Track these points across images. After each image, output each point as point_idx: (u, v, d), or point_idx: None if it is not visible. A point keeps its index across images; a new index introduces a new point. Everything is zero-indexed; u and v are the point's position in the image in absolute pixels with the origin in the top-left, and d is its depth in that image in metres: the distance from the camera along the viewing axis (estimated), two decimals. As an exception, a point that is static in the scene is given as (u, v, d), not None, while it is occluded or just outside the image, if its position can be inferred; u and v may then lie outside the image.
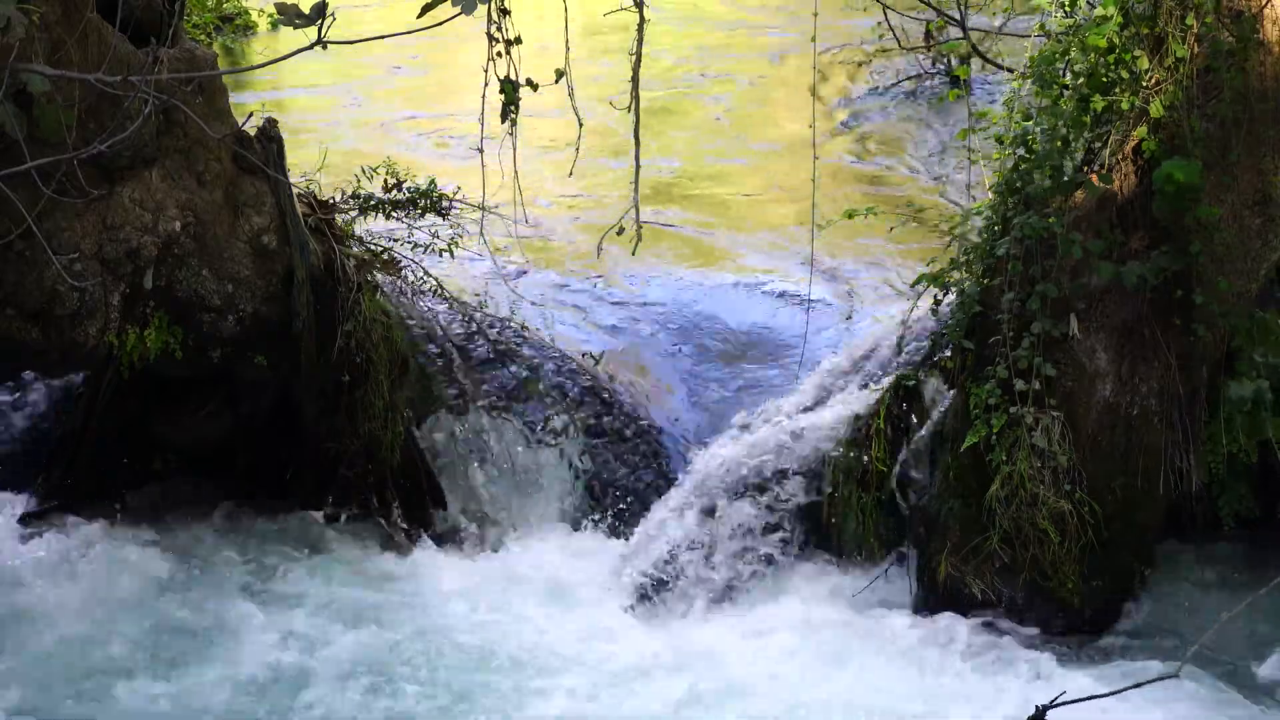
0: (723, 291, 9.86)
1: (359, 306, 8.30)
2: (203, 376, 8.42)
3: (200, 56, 7.84)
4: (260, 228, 8.07)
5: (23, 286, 7.30)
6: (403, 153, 11.19)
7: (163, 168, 7.68)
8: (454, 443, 8.83)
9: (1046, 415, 7.63)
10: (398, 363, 8.54)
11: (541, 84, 6.86)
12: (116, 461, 8.77)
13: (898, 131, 12.89)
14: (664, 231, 10.49)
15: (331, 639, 7.62)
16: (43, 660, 7.43)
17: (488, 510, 8.76)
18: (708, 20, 16.74)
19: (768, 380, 9.10)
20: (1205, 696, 7.24)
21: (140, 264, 7.60)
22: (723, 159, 12.47)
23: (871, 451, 8.21)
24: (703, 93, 14.21)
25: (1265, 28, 7.40)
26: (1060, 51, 7.75)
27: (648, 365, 9.27)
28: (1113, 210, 7.70)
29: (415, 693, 7.24)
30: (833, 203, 10.72)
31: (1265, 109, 7.46)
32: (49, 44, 7.04)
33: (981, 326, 7.90)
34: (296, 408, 8.50)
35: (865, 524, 8.22)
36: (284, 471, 8.77)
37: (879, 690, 7.34)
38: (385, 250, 8.81)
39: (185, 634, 7.64)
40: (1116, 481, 7.76)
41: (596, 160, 11.40)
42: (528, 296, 9.46)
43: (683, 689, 7.28)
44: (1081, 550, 7.68)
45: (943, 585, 7.85)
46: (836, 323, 9.35)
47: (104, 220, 7.47)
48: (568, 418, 8.87)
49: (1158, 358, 7.72)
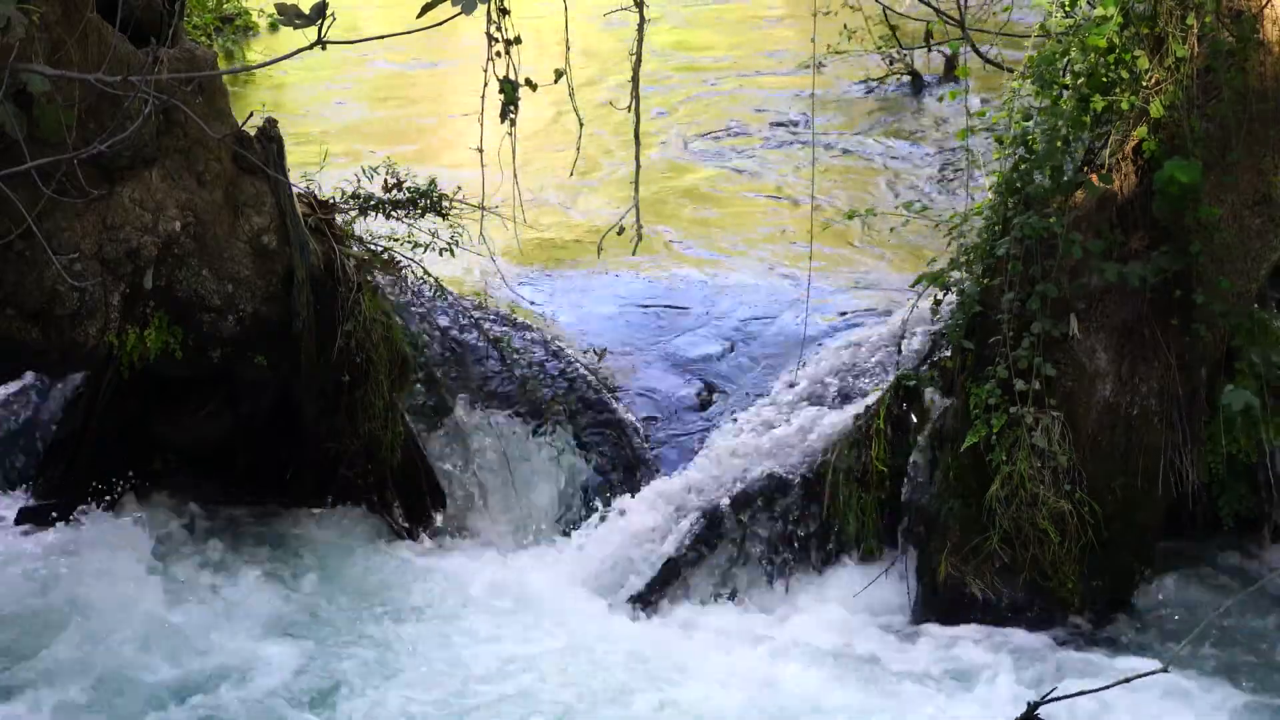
0: (723, 291, 9.87)
1: (359, 306, 8.30)
2: (203, 376, 8.42)
3: (200, 56, 7.84)
4: (260, 228, 8.07)
5: (23, 286, 7.30)
6: (403, 152, 11.19)
7: (163, 168, 7.68)
8: (454, 443, 8.83)
9: (1046, 415, 7.64)
10: (398, 363, 8.54)
11: (541, 84, 6.86)
12: (116, 461, 8.77)
13: (899, 132, 12.90)
14: (664, 231, 10.50)
15: (331, 638, 7.63)
16: (42, 660, 7.44)
17: (488, 510, 8.77)
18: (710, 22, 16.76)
19: (768, 380, 9.10)
20: (1198, 693, 7.26)
21: (140, 264, 7.60)
22: (723, 158, 12.48)
23: (871, 451, 8.21)
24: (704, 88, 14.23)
25: (1265, 28, 7.40)
26: (1060, 51, 7.75)
27: (647, 365, 9.27)
28: (1113, 210, 7.71)
29: (414, 692, 7.24)
30: (833, 203, 10.74)
31: (1265, 109, 7.46)
32: (49, 44, 7.04)
33: (981, 326, 7.91)
34: (296, 408, 8.50)
35: (865, 524, 8.22)
36: (284, 471, 8.78)
37: (878, 690, 7.34)
38: (385, 250, 8.81)
39: (184, 633, 7.64)
40: (1116, 481, 7.76)
41: (596, 160, 11.41)
42: (527, 296, 9.46)
43: (681, 690, 7.28)
44: (1081, 550, 7.69)
45: (943, 585, 7.86)
46: (836, 322, 9.35)
47: (104, 220, 7.47)
48: (568, 418, 8.88)
49: (1158, 358, 7.72)
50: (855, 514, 8.21)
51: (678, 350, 9.37)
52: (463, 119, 10.02)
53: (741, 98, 14.00)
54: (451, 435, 8.83)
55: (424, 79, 15.12)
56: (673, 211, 11.10)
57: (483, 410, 8.85)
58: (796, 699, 7.26)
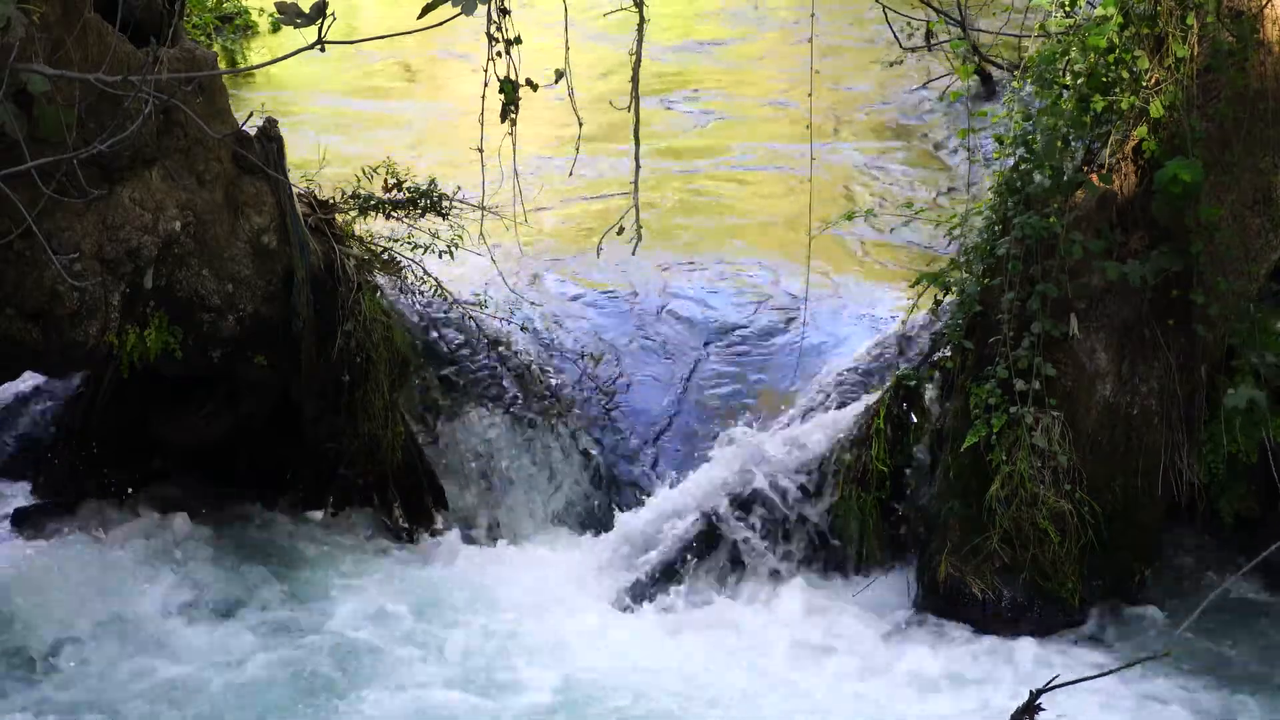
0: (723, 292, 9.86)
1: (359, 306, 8.30)
2: (203, 376, 8.42)
3: (200, 56, 7.84)
4: (260, 228, 8.07)
5: (23, 286, 7.30)
6: (402, 152, 11.18)
7: (163, 168, 7.67)
8: (454, 443, 8.83)
9: (1046, 415, 7.64)
10: (398, 363, 8.54)
11: (542, 84, 6.87)
12: (116, 461, 8.77)
13: (898, 132, 12.90)
14: (664, 231, 10.49)
15: (331, 638, 7.62)
16: (42, 659, 7.44)
17: (487, 510, 8.76)
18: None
19: (768, 380, 9.09)
20: (1197, 682, 7.27)
21: (140, 264, 7.60)
22: (724, 158, 12.47)
23: (871, 451, 8.21)
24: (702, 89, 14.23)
25: (1265, 28, 7.41)
26: (1060, 51, 7.75)
27: (647, 365, 9.27)
28: (1113, 210, 7.71)
29: (415, 692, 7.24)
30: (833, 203, 10.74)
31: (1265, 109, 7.47)
32: (49, 44, 7.04)
33: (981, 326, 7.91)
34: (296, 408, 8.50)
35: (865, 524, 8.22)
36: (284, 471, 8.78)
37: (878, 690, 7.34)
38: (385, 250, 8.81)
39: (183, 633, 7.64)
40: (1116, 481, 7.76)
41: (597, 159, 11.40)
42: (527, 296, 9.46)
43: (680, 691, 7.28)
44: (1081, 550, 7.69)
45: (943, 585, 7.86)
46: (837, 323, 9.35)
47: (104, 220, 7.47)
48: (566, 418, 8.88)
49: (1158, 358, 7.72)
50: (855, 514, 8.21)
51: (678, 351, 9.37)
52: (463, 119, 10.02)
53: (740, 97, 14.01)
54: (451, 435, 8.83)
55: (425, 79, 15.11)
56: (673, 211, 11.09)
57: (482, 410, 8.84)
58: (796, 699, 7.26)
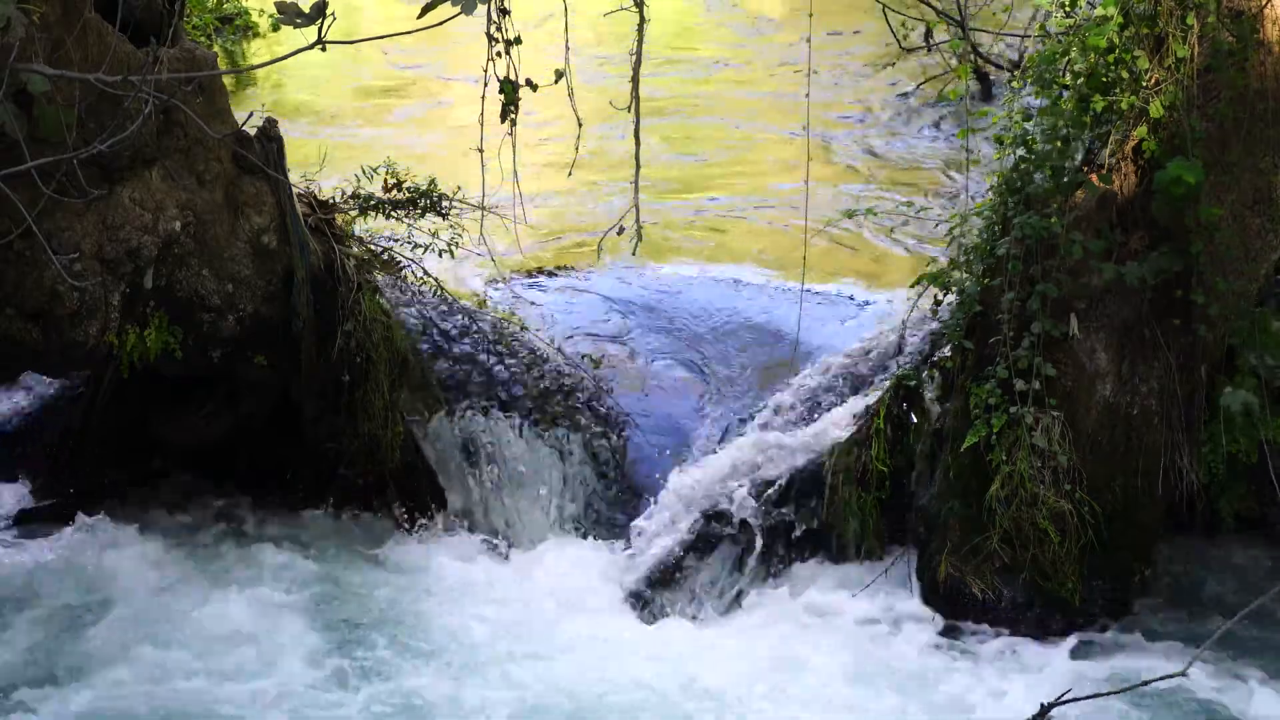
0: (723, 292, 9.86)
1: (359, 306, 8.30)
2: (203, 376, 8.42)
3: (200, 56, 7.85)
4: (260, 228, 8.07)
5: (23, 286, 7.30)
6: (402, 151, 11.18)
7: (163, 168, 7.68)
8: (453, 443, 8.83)
9: (1046, 415, 7.63)
10: (398, 363, 8.54)
11: (542, 85, 6.87)
12: (116, 461, 8.77)
13: (899, 132, 12.89)
14: (664, 232, 10.49)
15: (330, 639, 7.63)
16: (42, 660, 7.44)
17: (487, 511, 8.76)
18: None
19: (768, 381, 9.09)
20: (1212, 696, 7.25)
21: (140, 264, 7.60)
22: (724, 158, 12.48)
23: (871, 451, 8.21)
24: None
25: (1265, 28, 7.40)
26: (1060, 51, 7.75)
27: (647, 366, 9.27)
28: (1113, 210, 7.71)
29: (415, 692, 7.24)
30: (834, 203, 10.73)
31: (1265, 109, 7.46)
32: (49, 44, 7.04)
33: (981, 326, 7.91)
34: (296, 408, 8.50)
35: (865, 524, 8.22)
36: (284, 471, 8.78)
37: (878, 690, 7.34)
38: (385, 250, 8.81)
39: (182, 634, 7.64)
40: (1116, 481, 7.76)
41: (597, 159, 11.40)
42: (526, 296, 9.46)
43: (679, 692, 7.28)
44: (1081, 550, 7.69)
45: (943, 585, 7.86)
46: (836, 323, 9.35)
47: (104, 220, 7.47)
48: (567, 419, 8.87)
49: (1158, 358, 7.72)
50: (855, 514, 8.21)
51: (677, 351, 9.36)
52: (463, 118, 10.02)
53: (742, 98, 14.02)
54: (451, 435, 8.83)
55: (423, 76, 15.12)
56: (673, 211, 11.09)
57: (482, 410, 8.84)
58: (796, 698, 7.26)
